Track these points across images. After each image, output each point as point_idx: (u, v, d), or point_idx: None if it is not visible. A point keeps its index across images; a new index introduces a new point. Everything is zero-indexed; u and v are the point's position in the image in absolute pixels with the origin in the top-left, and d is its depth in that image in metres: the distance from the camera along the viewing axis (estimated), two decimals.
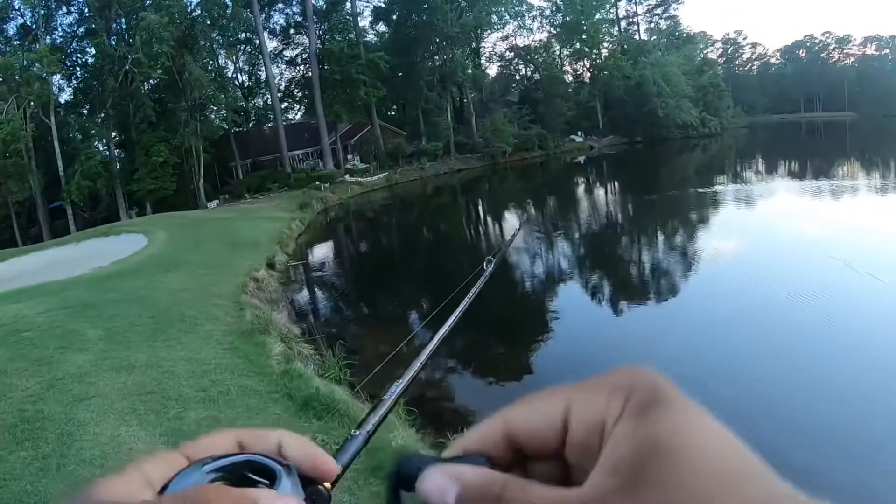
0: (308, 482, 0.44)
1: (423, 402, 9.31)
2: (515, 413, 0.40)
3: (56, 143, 37.79)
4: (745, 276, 15.88)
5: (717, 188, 32.83)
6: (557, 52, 67.37)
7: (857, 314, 12.22)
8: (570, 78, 69.58)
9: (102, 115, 40.58)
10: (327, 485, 0.47)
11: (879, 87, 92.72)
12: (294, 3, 50.81)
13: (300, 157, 47.37)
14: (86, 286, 14.10)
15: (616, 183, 42.86)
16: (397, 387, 0.79)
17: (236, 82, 51.79)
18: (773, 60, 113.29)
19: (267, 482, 0.41)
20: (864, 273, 14.34)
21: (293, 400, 7.58)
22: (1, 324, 10.62)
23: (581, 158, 56.80)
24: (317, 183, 37.88)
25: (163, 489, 0.39)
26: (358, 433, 0.54)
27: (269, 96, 50.77)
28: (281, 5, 51.47)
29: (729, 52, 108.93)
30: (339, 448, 0.49)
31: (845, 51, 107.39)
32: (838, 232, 19.93)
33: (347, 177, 41.53)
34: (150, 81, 40.80)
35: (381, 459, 6.27)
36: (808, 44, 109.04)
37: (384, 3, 55.60)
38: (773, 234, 20.78)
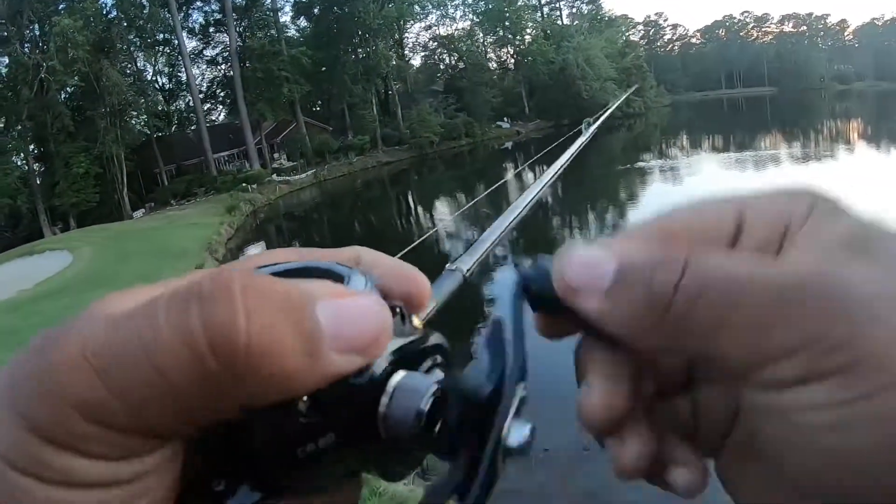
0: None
1: None
2: (677, 214, 0.35)
3: None
4: None
5: (642, 164, 33.87)
6: (481, 40, 67.59)
7: None
8: (495, 65, 70.02)
9: (19, 127, 38.91)
10: (416, 321, 0.33)
11: (797, 62, 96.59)
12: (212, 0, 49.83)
13: (225, 158, 46.49)
14: (9, 312, 13.79)
15: (543, 166, 43.43)
16: (496, 229, 0.67)
17: (156, 85, 50.51)
18: (693, 40, 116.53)
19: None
20: None
21: None
22: None
23: (508, 144, 57.43)
24: (244, 185, 37.33)
25: None
26: (454, 268, 0.48)
27: (190, 98, 49.64)
28: (199, 3, 50.16)
29: (650, 33, 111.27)
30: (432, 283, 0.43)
31: (763, 29, 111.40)
32: None
33: (275, 176, 41.05)
34: (67, 89, 39.51)
35: None
36: (727, 23, 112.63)
37: None
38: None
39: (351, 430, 0.25)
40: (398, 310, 0.30)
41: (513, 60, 69.29)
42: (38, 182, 39.84)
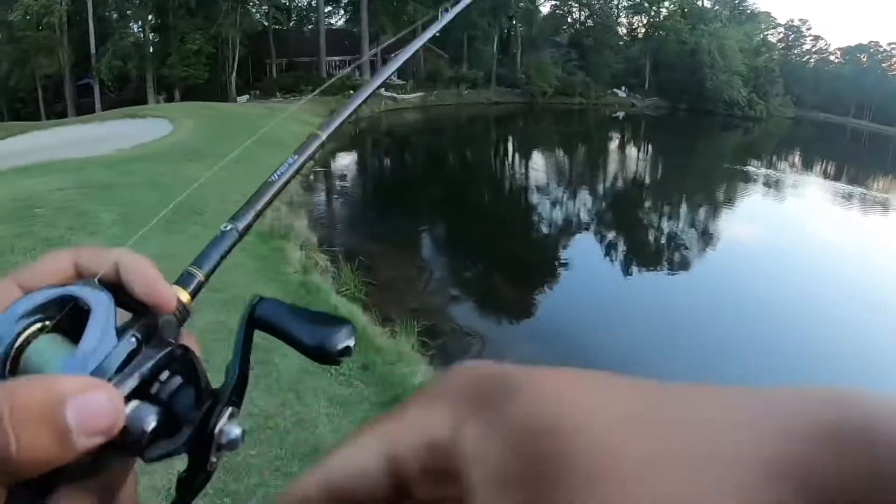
0: (145, 310, 0.41)
1: (436, 335, 9.05)
2: (333, 461, 0.32)
3: (90, 20, 36.83)
4: (755, 263, 16.12)
5: (749, 169, 32.38)
6: (615, 2, 65.08)
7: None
8: (624, 31, 67.41)
9: None
10: (186, 296, 0.46)
11: None
12: None
13: (337, 63, 46.08)
14: (105, 167, 13.66)
15: (650, 145, 42.36)
16: (275, 183, 0.60)
17: None
18: (832, 58, 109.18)
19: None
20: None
21: None
22: (14, 198, 10.13)
23: (620, 114, 55.97)
24: (350, 92, 36.77)
25: None
26: (230, 227, 0.54)
27: None
28: None
29: (790, 39, 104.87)
30: (203, 251, 0.51)
31: None
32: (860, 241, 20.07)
33: (383, 91, 40.48)
34: None
35: (396, 395, 5.84)
36: (871, 49, 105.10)
37: None
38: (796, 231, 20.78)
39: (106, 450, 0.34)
40: (137, 337, 0.38)
41: (643, 30, 66.33)
42: (151, 51, 40.16)
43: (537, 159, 31.19)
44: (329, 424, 5.08)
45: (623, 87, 61.26)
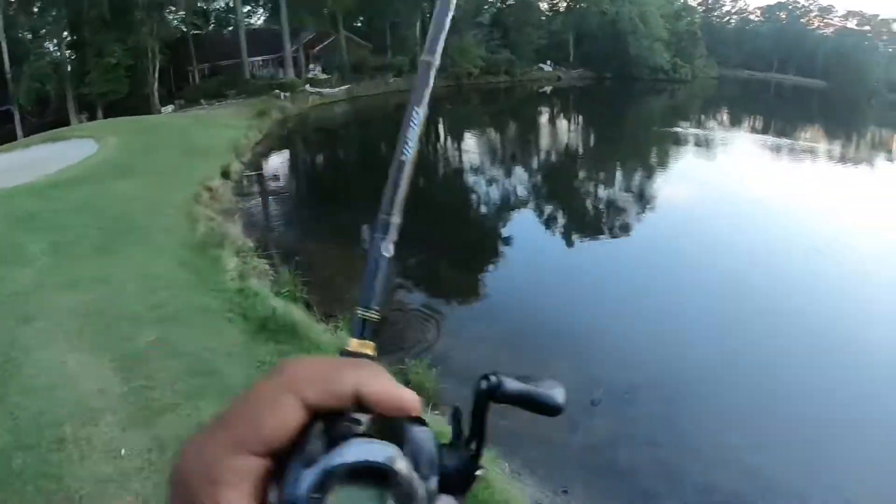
0: (398, 420, 0.40)
1: (382, 324, 9.23)
2: None
3: (3, 44, 35.54)
4: (691, 222, 16.94)
5: (678, 130, 33.32)
6: None
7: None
8: (546, 6, 67.34)
9: (54, 12, 37.73)
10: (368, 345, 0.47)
11: (854, 60, 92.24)
12: None
13: (260, 63, 45.34)
14: (31, 195, 13.45)
15: (580, 116, 43.10)
16: (410, 137, 0.51)
17: None
18: (752, 17, 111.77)
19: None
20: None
21: (248, 321, 7.32)
22: None
23: (547, 88, 56.54)
24: (276, 91, 36.54)
25: None
26: (384, 244, 0.53)
27: None
28: None
29: (709, 2, 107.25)
30: (364, 286, 0.50)
31: (826, 20, 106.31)
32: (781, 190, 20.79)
33: (308, 87, 40.01)
34: None
35: None
36: (789, 6, 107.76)
37: None
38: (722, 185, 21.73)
39: None
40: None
41: (564, 4, 66.70)
42: (69, 69, 38.92)
43: (468, 140, 31.55)
44: None
45: (548, 62, 61.66)
